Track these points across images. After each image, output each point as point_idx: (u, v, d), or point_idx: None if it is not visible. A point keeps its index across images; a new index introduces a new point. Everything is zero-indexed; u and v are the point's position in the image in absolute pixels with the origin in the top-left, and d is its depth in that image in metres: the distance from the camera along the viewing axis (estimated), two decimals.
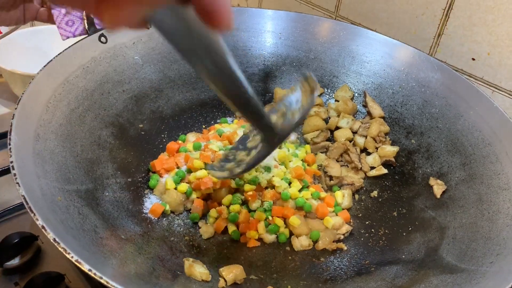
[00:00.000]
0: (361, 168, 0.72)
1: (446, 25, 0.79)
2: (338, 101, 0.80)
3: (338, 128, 0.78)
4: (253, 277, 0.56)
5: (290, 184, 0.66)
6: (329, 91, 0.83)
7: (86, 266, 0.38)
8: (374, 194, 0.70)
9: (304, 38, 0.84)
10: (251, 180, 0.64)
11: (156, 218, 0.61)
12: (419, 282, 0.51)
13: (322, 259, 0.60)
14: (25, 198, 0.42)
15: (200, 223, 0.63)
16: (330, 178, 0.72)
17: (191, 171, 0.65)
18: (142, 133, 0.71)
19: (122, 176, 0.63)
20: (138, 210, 0.61)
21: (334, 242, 0.62)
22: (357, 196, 0.70)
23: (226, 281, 0.53)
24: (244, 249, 0.60)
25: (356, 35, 0.82)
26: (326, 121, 0.80)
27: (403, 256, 0.58)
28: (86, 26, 0.68)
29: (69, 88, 0.61)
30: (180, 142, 0.73)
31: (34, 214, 0.41)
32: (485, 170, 0.60)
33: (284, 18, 0.84)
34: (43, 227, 0.40)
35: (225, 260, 0.58)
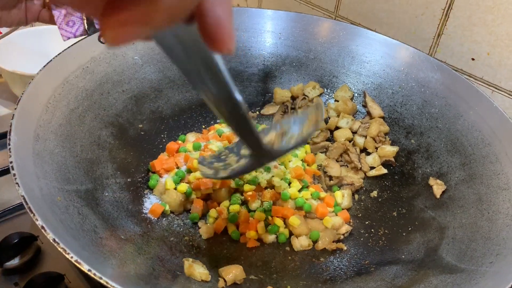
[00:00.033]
0: (360, 168, 0.72)
1: (445, 25, 0.79)
2: (337, 101, 0.80)
3: (337, 128, 0.78)
4: (252, 277, 0.56)
5: (290, 184, 0.66)
6: (328, 91, 0.83)
7: (85, 266, 0.38)
8: (374, 194, 0.70)
9: (303, 38, 0.84)
10: (251, 180, 0.64)
11: (155, 218, 0.61)
12: (419, 282, 0.51)
13: (321, 259, 0.60)
14: (24, 198, 0.42)
15: (199, 223, 0.63)
16: (330, 178, 0.72)
17: (191, 171, 0.65)
18: (142, 133, 0.71)
19: (122, 176, 0.63)
20: (137, 210, 0.61)
21: (333, 242, 0.62)
22: (356, 196, 0.70)
23: (225, 281, 0.53)
24: (243, 249, 0.60)
25: (355, 35, 0.82)
26: (326, 121, 0.80)
27: (403, 256, 0.58)
28: (86, 26, 0.68)
29: (68, 88, 0.61)
30: (179, 142, 0.73)
31: (34, 214, 0.41)
32: (484, 170, 0.60)
33: (283, 18, 0.84)
34: (43, 227, 0.40)
35: (224, 260, 0.58)
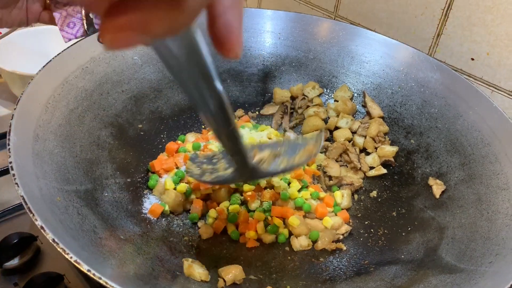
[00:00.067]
0: (360, 168, 0.72)
1: (445, 25, 0.79)
2: (337, 101, 0.80)
3: (337, 128, 0.78)
4: (252, 277, 0.56)
5: (289, 184, 0.66)
6: (328, 91, 0.83)
7: (85, 267, 0.38)
8: (373, 194, 0.70)
9: (303, 38, 0.84)
10: None
11: (155, 219, 0.61)
12: (418, 282, 0.51)
13: (321, 259, 0.60)
14: (24, 198, 0.42)
15: (199, 223, 0.63)
16: (330, 178, 0.72)
17: None
18: (141, 133, 0.71)
19: (121, 176, 0.63)
20: (137, 210, 0.61)
21: (333, 242, 0.62)
22: (356, 196, 0.70)
23: (225, 281, 0.53)
24: (243, 249, 0.60)
25: (355, 35, 0.82)
26: (326, 121, 0.80)
27: (402, 256, 0.58)
28: (85, 27, 0.68)
29: (68, 88, 0.61)
30: (179, 142, 0.73)
31: (33, 215, 0.41)
32: (484, 170, 0.60)
33: (283, 18, 0.84)
34: (42, 228, 0.40)
35: (224, 260, 0.58)
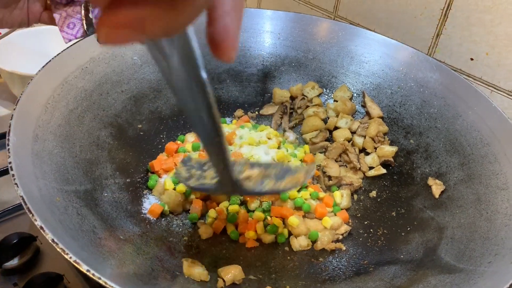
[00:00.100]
0: (359, 168, 0.72)
1: (444, 25, 0.79)
2: (337, 101, 0.80)
3: (336, 128, 0.78)
4: (251, 277, 0.56)
5: None
6: (328, 91, 0.83)
7: (84, 267, 0.38)
8: (373, 194, 0.70)
9: (303, 38, 0.84)
10: None
11: (155, 219, 0.61)
12: (418, 282, 0.51)
13: (320, 259, 0.60)
14: (23, 198, 0.42)
15: (198, 224, 0.63)
16: (329, 178, 0.72)
17: None
18: (141, 133, 0.71)
19: (121, 176, 0.63)
20: (137, 210, 0.61)
21: (332, 242, 0.62)
22: (355, 196, 0.70)
23: (224, 281, 0.53)
24: (242, 249, 0.61)
25: (354, 35, 0.82)
26: (325, 121, 0.80)
27: (402, 256, 0.58)
28: (85, 27, 0.68)
29: (67, 88, 0.61)
30: (179, 142, 0.73)
31: (33, 215, 0.41)
32: (483, 170, 0.61)
33: (283, 18, 0.84)
34: (42, 228, 0.40)
35: (223, 260, 0.58)
